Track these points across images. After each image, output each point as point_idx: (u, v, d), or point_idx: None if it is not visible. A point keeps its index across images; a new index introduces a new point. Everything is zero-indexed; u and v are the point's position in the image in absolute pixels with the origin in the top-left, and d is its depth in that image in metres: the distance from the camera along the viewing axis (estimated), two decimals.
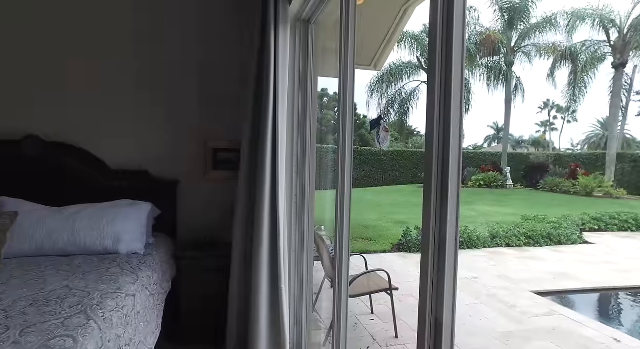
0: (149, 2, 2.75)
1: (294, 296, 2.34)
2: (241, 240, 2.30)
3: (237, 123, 2.75)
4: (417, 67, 17.39)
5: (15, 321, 1.29)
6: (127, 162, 2.72)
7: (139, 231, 2.30)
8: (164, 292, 2.17)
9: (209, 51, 2.85)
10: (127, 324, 1.54)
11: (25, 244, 2.05)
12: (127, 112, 2.73)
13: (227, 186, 2.82)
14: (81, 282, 1.69)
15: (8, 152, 2.48)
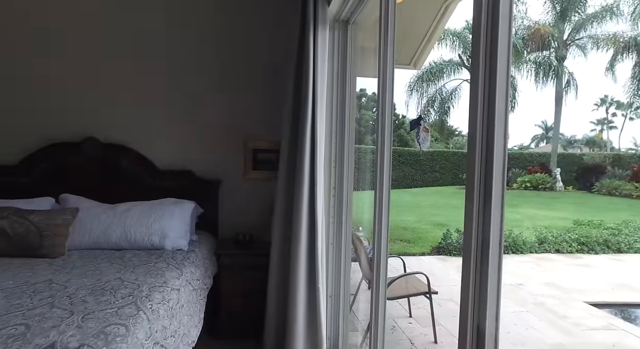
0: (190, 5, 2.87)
1: (331, 296, 2.35)
2: (279, 239, 2.34)
3: (277, 124, 2.81)
4: (458, 65, 16.81)
5: (78, 307, 1.40)
6: (173, 162, 2.86)
7: (183, 229, 2.41)
8: (205, 288, 2.26)
9: (252, 53, 2.93)
10: (172, 316, 1.61)
11: (84, 238, 2.22)
12: (173, 116, 2.87)
13: (267, 186, 2.88)
14: (132, 275, 1.80)
15: (70, 152, 2.69)
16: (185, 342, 1.74)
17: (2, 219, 2.03)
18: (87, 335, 1.20)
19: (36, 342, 1.15)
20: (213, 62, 2.89)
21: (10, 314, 1.32)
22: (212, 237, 2.78)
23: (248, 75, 2.93)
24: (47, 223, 2.08)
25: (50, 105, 2.74)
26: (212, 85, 2.90)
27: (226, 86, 2.91)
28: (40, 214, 2.12)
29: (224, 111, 2.92)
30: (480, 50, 0.95)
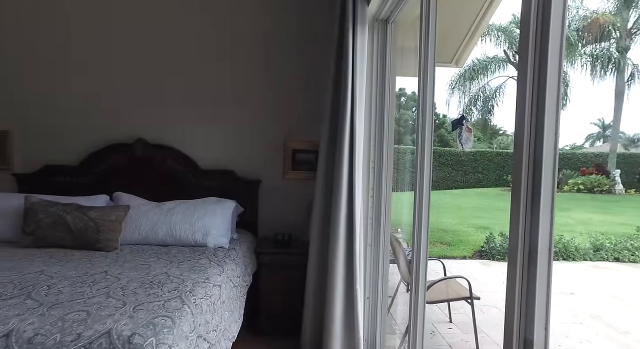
0: (233, 10, 2.96)
1: (368, 297, 2.33)
2: (318, 239, 2.35)
3: (316, 124, 2.83)
4: (503, 62, 16.03)
5: (130, 298, 1.49)
6: (215, 162, 2.97)
7: (224, 227, 2.49)
8: (245, 285, 2.32)
9: (292, 53, 2.97)
10: (214, 311, 1.67)
11: (134, 234, 2.36)
12: (216, 117, 2.98)
13: (305, 186, 2.92)
14: (177, 270, 1.89)
15: (122, 153, 2.87)
16: (226, 337, 1.80)
17: (66, 214, 2.21)
18: (138, 325, 1.28)
19: (95, 328, 1.24)
20: (255, 63, 2.97)
21: (74, 301, 1.44)
22: (251, 236, 2.85)
23: (289, 76, 2.97)
24: (103, 219, 2.23)
25: (105, 109, 2.93)
26: (254, 86, 2.98)
27: (267, 87, 2.98)
28: (97, 210, 2.28)
29: (265, 112, 2.99)
30: (529, 45, 0.90)
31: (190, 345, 1.34)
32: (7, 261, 1.92)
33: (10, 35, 2.88)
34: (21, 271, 1.76)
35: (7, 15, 2.88)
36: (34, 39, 2.89)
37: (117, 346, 1.19)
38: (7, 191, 2.76)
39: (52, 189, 2.78)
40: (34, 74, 2.90)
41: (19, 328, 1.23)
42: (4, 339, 1.19)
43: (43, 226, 2.19)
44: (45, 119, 2.92)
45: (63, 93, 2.92)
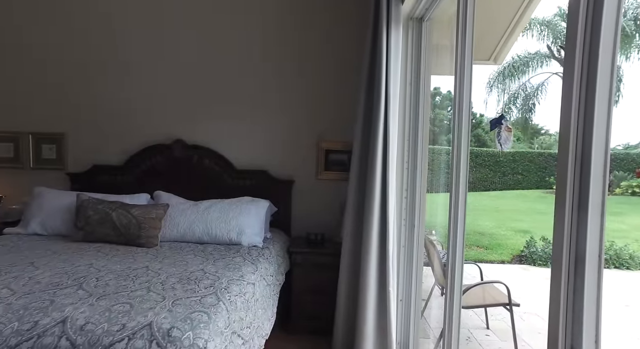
0: (270, 10, 3.02)
1: (402, 300, 2.30)
2: (350, 239, 2.35)
3: (349, 124, 2.82)
4: (546, 57, 15.21)
5: (169, 293, 1.55)
6: (250, 162, 3.03)
7: (258, 226, 2.54)
8: (278, 283, 2.35)
9: (325, 53, 2.98)
10: (248, 308, 1.71)
11: (173, 231, 2.46)
12: (251, 117, 3.04)
13: (338, 187, 2.92)
14: (212, 267, 1.95)
15: (162, 154, 3.00)
16: (260, 334, 1.83)
17: (112, 212, 2.34)
18: (177, 319, 1.33)
19: (138, 320, 1.31)
20: (288, 63, 3.00)
21: (119, 294, 1.52)
22: (285, 235, 2.89)
23: (322, 76, 2.99)
24: (144, 216, 2.34)
25: (147, 112, 3.08)
26: (288, 87, 3.02)
27: (301, 88, 3.01)
28: (139, 208, 2.39)
29: (299, 113, 3.02)
30: (578, 38, 0.85)
31: (225, 341, 1.38)
32: (62, 253, 2.06)
33: (67, 49, 3.09)
34: (73, 263, 1.88)
35: (61, 30, 3.09)
36: (86, 49, 3.08)
37: (158, 338, 1.24)
38: (62, 188, 2.97)
39: (100, 187, 2.96)
40: (84, 81, 3.09)
41: (73, 315, 1.32)
42: (61, 324, 1.28)
43: (92, 222, 2.33)
44: (94, 123, 3.10)
45: (110, 98, 3.09)
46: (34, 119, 3.13)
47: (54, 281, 1.63)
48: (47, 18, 3.08)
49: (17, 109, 3.13)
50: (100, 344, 1.22)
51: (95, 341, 1.23)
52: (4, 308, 1.36)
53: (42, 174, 3.14)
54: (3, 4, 3.09)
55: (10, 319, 1.30)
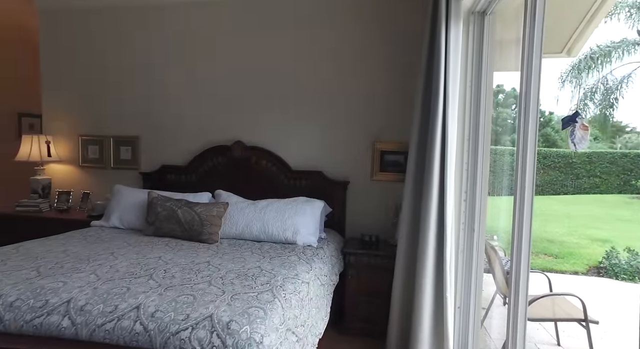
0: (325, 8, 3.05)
1: (459, 307, 2.19)
2: (406, 242, 2.30)
3: (405, 125, 2.77)
4: (635, 45, 13.56)
5: (228, 288, 1.64)
6: (305, 163, 3.09)
7: (313, 226, 2.58)
8: (332, 284, 2.37)
9: (381, 53, 2.96)
10: (302, 307, 1.74)
11: (232, 229, 2.58)
12: (307, 119, 3.10)
13: (394, 188, 2.88)
14: (268, 265, 2.02)
15: (223, 154, 3.17)
16: (313, 333, 1.86)
17: (177, 209, 2.52)
18: (235, 313, 1.40)
19: (200, 311, 1.40)
20: (344, 64, 3.02)
21: (184, 286, 1.63)
22: (339, 236, 2.90)
23: (378, 76, 2.97)
24: (206, 214, 2.49)
25: (209, 115, 3.27)
26: (343, 87, 3.03)
27: (356, 88, 3.01)
28: (201, 206, 2.55)
29: (354, 114, 3.02)
30: None
31: (280, 337, 1.42)
32: (136, 246, 2.26)
33: (140, 65, 3.39)
34: (145, 255, 2.05)
35: (135, 51, 3.39)
36: (156, 61, 3.35)
37: (218, 329, 1.31)
38: (136, 186, 3.26)
39: (167, 185, 3.21)
40: (155, 89, 3.37)
41: (145, 303, 1.45)
42: (136, 310, 1.41)
43: (160, 218, 2.53)
44: (163, 126, 3.36)
45: (176, 104, 3.33)
46: (114, 124, 3.47)
47: (130, 271, 1.79)
48: (124, 42, 3.40)
49: (102, 117, 3.50)
50: (168, 331, 1.32)
51: (163, 327, 1.34)
52: (92, 291, 1.53)
53: (121, 173, 3.47)
54: (89, 33, 3.46)
55: (97, 301, 1.46)
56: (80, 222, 3.01)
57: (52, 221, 3.12)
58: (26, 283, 1.59)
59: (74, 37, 3.51)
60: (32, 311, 1.44)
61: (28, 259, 1.91)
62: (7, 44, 4.55)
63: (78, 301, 1.46)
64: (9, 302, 1.47)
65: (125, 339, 1.34)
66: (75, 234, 2.52)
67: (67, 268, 1.79)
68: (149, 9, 3.32)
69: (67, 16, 3.50)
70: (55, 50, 3.55)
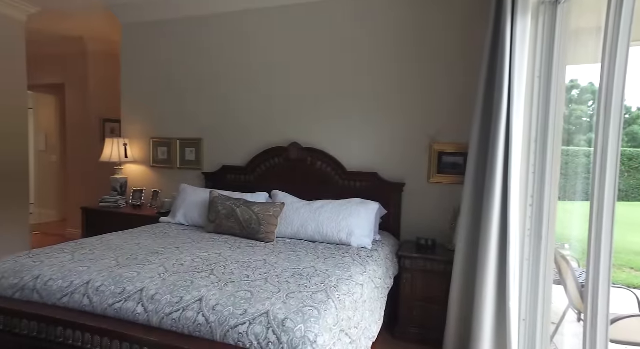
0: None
1: (524, 319, 2.04)
2: (465, 248, 2.20)
3: (464, 125, 2.66)
4: None
5: (283, 286, 1.68)
6: (360, 164, 3.08)
7: (367, 228, 2.56)
8: (386, 287, 2.33)
9: (439, 52, 2.86)
10: (356, 309, 1.73)
11: (287, 229, 2.65)
12: (362, 121, 3.09)
13: (452, 191, 2.77)
14: (323, 265, 2.03)
15: (279, 155, 3.26)
16: (367, 336, 1.84)
17: (236, 208, 2.64)
18: (290, 311, 1.43)
19: (257, 307, 1.45)
20: (401, 63, 2.96)
21: (242, 282, 1.71)
22: (394, 238, 2.85)
23: (436, 76, 2.87)
24: (263, 213, 2.57)
25: (267, 117, 3.38)
26: (399, 88, 2.97)
27: (413, 88, 2.94)
28: (259, 205, 2.64)
29: (410, 114, 2.95)
30: None
31: (333, 338, 1.42)
32: (199, 242, 2.41)
33: (204, 74, 3.61)
34: (207, 251, 2.18)
35: (201, 62, 3.62)
36: (219, 70, 3.55)
37: (273, 326, 1.35)
38: (199, 186, 3.48)
39: (227, 185, 3.37)
40: (217, 94, 3.56)
41: (207, 296, 1.53)
42: (198, 302, 1.50)
43: (221, 216, 2.66)
44: (224, 128, 3.55)
45: (236, 107, 3.49)
46: (180, 128, 3.73)
47: (193, 265, 1.91)
48: (190, 52, 3.64)
49: (170, 121, 3.78)
50: (227, 325, 1.39)
51: (223, 321, 1.41)
52: (162, 282, 1.66)
53: (186, 173, 3.72)
54: (160, 45, 3.75)
55: (165, 292, 1.58)
56: (150, 218, 3.28)
57: (128, 216, 3.43)
58: (108, 271, 1.77)
59: (147, 49, 3.83)
60: (113, 296, 1.60)
61: (109, 250, 2.12)
62: (96, 57, 5.11)
63: (149, 291, 1.59)
64: (96, 287, 1.65)
65: (189, 329, 1.43)
66: (147, 229, 2.74)
67: (140, 260, 1.96)
68: (212, 18, 3.53)
69: (143, 30, 3.83)
70: (133, 61, 3.90)
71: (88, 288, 1.66)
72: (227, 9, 3.46)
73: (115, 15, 3.88)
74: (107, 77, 5.05)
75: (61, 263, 1.88)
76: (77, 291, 1.65)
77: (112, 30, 4.40)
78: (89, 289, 1.65)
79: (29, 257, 1.95)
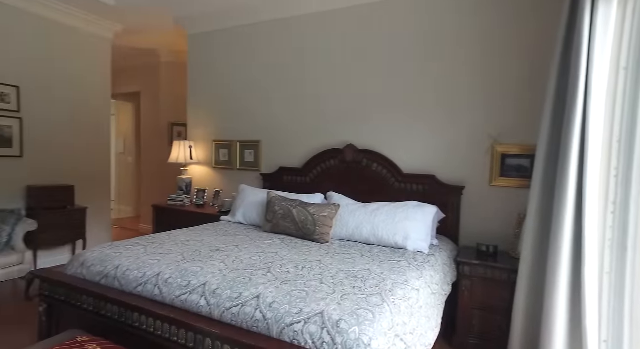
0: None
1: (605, 341, 1.84)
2: (531, 256, 2.04)
3: (530, 126, 2.49)
4: None
5: (338, 287, 1.69)
6: (417, 166, 3.00)
7: (424, 232, 2.48)
8: (444, 293, 2.24)
9: (503, 50, 2.70)
10: (411, 314, 1.69)
11: (342, 230, 2.65)
12: (419, 121, 3.00)
13: (516, 195, 2.60)
14: (378, 268, 2.01)
15: (335, 157, 3.28)
16: (422, 343, 1.78)
17: (293, 208, 2.71)
18: (344, 312, 1.43)
19: (312, 307, 1.47)
20: (460, 61, 2.84)
21: (297, 281, 1.74)
22: (452, 243, 2.73)
23: (499, 72, 2.71)
24: (319, 215, 2.61)
25: (323, 120, 3.42)
26: (459, 86, 2.85)
27: (473, 86, 2.80)
28: (314, 206, 2.68)
29: (471, 114, 2.81)
30: None
31: (388, 342, 1.40)
32: (256, 240, 2.51)
33: (262, 79, 3.75)
34: (264, 250, 2.26)
35: (263, 66, 3.76)
36: (278, 75, 3.66)
37: (328, 326, 1.36)
38: (257, 186, 3.62)
39: (284, 186, 3.46)
40: (275, 98, 3.68)
41: (264, 293, 1.59)
42: (256, 299, 1.56)
43: (277, 216, 2.74)
44: (281, 131, 3.65)
45: (293, 110, 3.58)
46: (240, 130, 3.91)
47: (251, 263, 1.99)
48: (248, 58, 3.80)
49: (230, 124, 3.98)
50: (283, 322, 1.43)
51: (279, 318, 1.45)
52: (222, 278, 1.75)
53: (245, 174, 3.89)
54: (220, 54, 3.97)
55: (226, 287, 1.66)
56: (212, 217, 3.47)
57: (192, 214, 3.67)
58: (175, 265, 1.91)
59: (210, 57, 4.07)
60: (179, 288, 1.72)
61: (176, 245, 2.29)
62: (167, 67, 5.55)
63: (211, 285, 1.68)
64: (164, 278, 1.79)
65: (247, 324, 1.50)
66: (209, 226, 2.91)
67: (203, 256, 2.09)
68: (270, 24, 3.65)
69: (207, 39, 4.08)
70: (198, 69, 4.18)
71: (158, 279, 1.80)
72: (284, 15, 3.57)
73: (183, 28, 4.18)
74: (176, 84, 5.45)
75: (136, 255, 2.07)
76: (149, 282, 1.80)
77: (180, 42, 4.75)
78: (159, 281, 1.79)
79: (111, 249, 2.16)
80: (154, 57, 5.46)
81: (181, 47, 4.94)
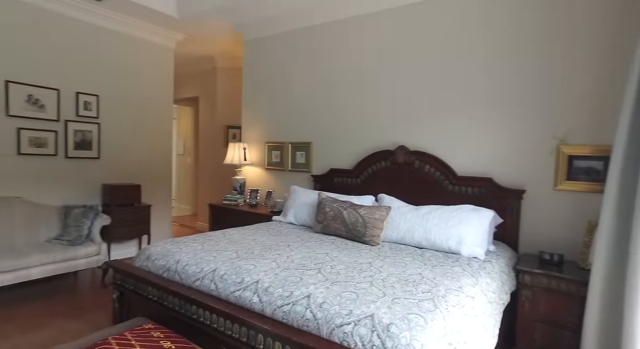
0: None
1: None
2: (604, 268, 1.87)
3: (602, 125, 2.28)
4: None
5: (388, 290, 1.67)
6: (472, 168, 2.87)
7: (480, 237, 2.37)
8: (502, 303, 2.12)
9: (569, 45, 2.50)
10: (465, 322, 1.62)
11: (393, 233, 2.61)
12: (474, 121, 2.87)
13: (585, 200, 2.40)
14: (430, 273, 1.95)
15: (386, 159, 3.24)
16: None
17: (343, 210, 2.71)
18: (395, 316, 1.41)
19: (362, 309, 1.47)
20: (520, 58, 2.67)
21: (347, 283, 1.75)
22: (510, 250, 2.58)
23: (566, 68, 2.51)
24: (369, 217, 2.59)
25: (374, 121, 3.40)
26: (520, 84, 2.68)
27: (536, 82, 2.62)
28: (365, 208, 2.67)
29: (534, 112, 2.64)
30: None
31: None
32: (307, 241, 2.55)
33: (313, 82, 3.81)
34: (314, 250, 2.29)
35: (312, 69, 3.82)
36: (329, 77, 3.70)
37: (378, 330, 1.35)
38: (308, 188, 3.67)
39: (334, 187, 3.48)
40: (326, 100, 3.72)
41: (314, 293, 1.61)
42: (307, 299, 1.59)
43: (328, 218, 2.77)
44: (332, 133, 3.68)
45: (344, 112, 3.59)
46: (292, 132, 4.00)
47: (302, 263, 2.03)
48: (300, 61, 3.87)
49: (283, 126, 4.08)
50: (333, 323, 1.44)
51: (329, 319, 1.46)
52: (274, 276, 1.81)
53: (296, 175, 3.97)
54: (272, 59, 4.09)
55: (277, 285, 1.71)
56: (264, 216, 3.58)
57: (245, 213, 3.82)
58: (230, 262, 2.00)
59: (264, 61, 4.21)
60: (234, 284, 1.80)
61: (230, 243, 2.39)
62: (223, 72, 5.85)
63: (264, 283, 1.74)
64: (220, 275, 1.88)
65: (298, 323, 1.53)
66: (261, 226, 3.01)
67: (256, 254, 2.16)
68: (322, 27, 3.70)
69: (261, 44, 4.23)
70: (252, 73, 4.34)
71: (214, 275, 1.89)
72: (336, 17, 3.59)
73: (242, 32, 4.36)
74: (231, 88, 5.71)
75: (194, 251, 2.19)
76: (206, 277, 1.90)
77: (236, 48, 4.97)
78: (215, 276, 1.88)
79: (172, 245, 2.32)
80: (210, 63, 5.77)
81: (236, 53, 5.16)
